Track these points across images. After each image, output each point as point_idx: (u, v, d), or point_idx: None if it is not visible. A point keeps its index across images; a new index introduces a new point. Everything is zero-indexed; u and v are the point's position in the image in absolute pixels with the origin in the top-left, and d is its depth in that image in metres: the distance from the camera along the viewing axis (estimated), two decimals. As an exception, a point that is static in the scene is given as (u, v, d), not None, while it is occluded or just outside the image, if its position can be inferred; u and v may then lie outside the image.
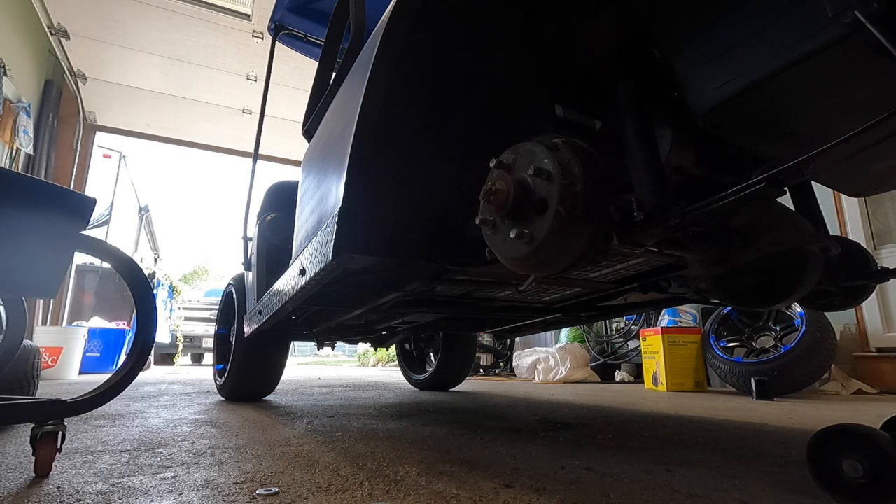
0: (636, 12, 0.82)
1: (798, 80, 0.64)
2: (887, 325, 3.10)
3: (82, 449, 1.20)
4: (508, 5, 0.93)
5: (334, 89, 1.33)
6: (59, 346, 4.08)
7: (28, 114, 4.33)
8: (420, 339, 3.39)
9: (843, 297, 1.17)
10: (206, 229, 64.93)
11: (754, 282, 1.01)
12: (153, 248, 10.55)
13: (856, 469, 0.72)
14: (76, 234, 1.05)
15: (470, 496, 0.82)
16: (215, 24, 4.55)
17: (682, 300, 1.59)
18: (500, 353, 5.39)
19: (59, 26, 4.51)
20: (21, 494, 0.82)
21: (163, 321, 7.27)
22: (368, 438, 1.36)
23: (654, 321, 3.98)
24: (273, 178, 2.41)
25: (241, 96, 5.67)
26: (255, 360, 2.33)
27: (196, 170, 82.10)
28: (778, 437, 1.38)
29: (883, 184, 0.91)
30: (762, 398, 2.53)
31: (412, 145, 0.96)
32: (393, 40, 0.88)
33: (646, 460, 1.09)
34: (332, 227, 0.90)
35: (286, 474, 0.96)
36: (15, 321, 1.35)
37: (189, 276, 19.87)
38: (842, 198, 3.38)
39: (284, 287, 1.30)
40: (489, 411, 2.04)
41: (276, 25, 2.57)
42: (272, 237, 2.07)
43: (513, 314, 1.85)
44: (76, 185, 5.43)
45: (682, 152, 0.86)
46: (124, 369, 1.10)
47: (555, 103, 1.01)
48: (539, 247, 0.65)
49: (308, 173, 1.31)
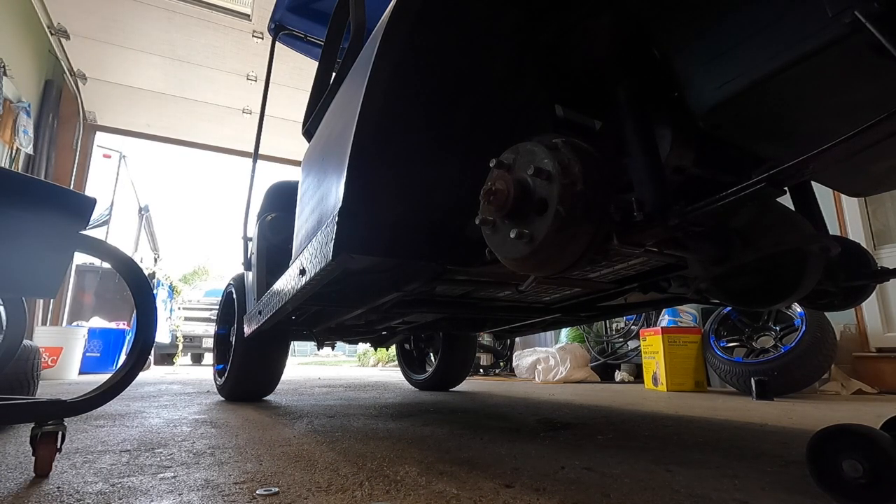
0: (636, 12, 0.82)
1: (798, 80, 0.64)
2: (887, 325, 3.10)
3: (82, 449, 1.20)
4: (508, 5, 0.93)
5: (334, 89, 1.33)
6: (59, 346, 4.08)
7: (28, 114, 4.33)
8: (420, 339, 3.39)
9: (843, 297, 1.17)
10: (206, 229, 64.95)
11: (754, 282, 1.01)
12: (153, 248, 10.55)
13: (856, 469, 0.72)
14: (76, 234, 1.05)
15: (470, 496, 0.82)
16: (215, 24, 4.55)
17: (682, 300, 1.59)
18: (500, 353, 5.39)
19: (59, 26, 4.51)
20: (21, 494, 0.82)
21: (163, 321, 7.27)
22: (368, 438, 1.36)
23: (654, 321, 3.98)
24: (273, 178, 2.41)
25: (241, 96, 5.67)
26: (255, 360, 2.33)
27: (196, 170, 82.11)
28: (778, 437, 1.38)
29: (883, 184, 0.92)
30: (762, 398, 2.53)
31: (412, 145, 0.96)
32: (393, 40, 0.88)
33: (646, 460, 1.09)
34: (332, 227, 0.90)
35: (286, 474, 0.96)
36: (15, 321, 1.35)
37: (189, 276, 19.89)
38: (842, 198, 3.38)
39: (284, 287, 1.30)
40: (489, 411, 2.04)
41: (276, 25, 2.57)
42: (272, 237, 2.07)
43: (513, 314, 1.85)
44: (76, 185, 5.43)
45: (682, 152, 0.86)
46: (124, 369, 1.10)
47: (555, 103, 1.01)
48: (539, 247, 0.65)
49: (308, 173, 1.31)
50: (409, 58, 0.90)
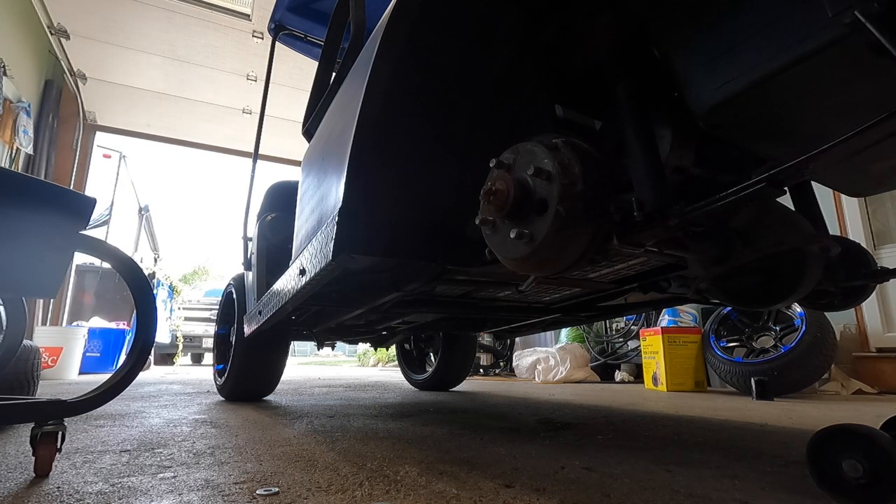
0: (636, 12, 0.82)
1: (798, 80, 0.64)
2: (887, 325, 3.10)
3: (82, 449, 1.20)
4: (508, 5, 0.93)
5: (334, 89, 1.33)
6: (59, 346, 4.08)
7: (28, 114, 4.33)
8: (420, 339, 3.39)
9: (843, 297, 1.17)
10: (206, 229, 64.93)
11: (754, 282, 1.01)
12: (153, 248, 10.55)
13: (856, 469, 0.72)
14: (76, 234, 1.05)
15: (470, 496, 0.82)
16: (215, 24, 4.55)
17: (682, 300, 1.59)
18: (500, 353, 5.39)
19: (59, 26, 4.51)
20: (21, 494, 0.82)
21: (163, 321, 7.27)
22: (368, 438, 1.36)
23: (654, 321, 3.98)
24: (273, 178, 2.41)
25: (241, 96, 5.67)
26: (255, 360, 2.33)
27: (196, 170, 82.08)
28: (778, 437, 1.38)
29: (883, 184, 0.91)
30: (762, 398, 2.53)
31: (412, 145, 0.96)
32: (393, 40, 0.88)
33: (646, 460, 1.09)
34: (332, 227, 0.90)
35: (286, 474, 0.96)
36: (15, 321, 1.35)
37: (189, 276, 19.89)
38: (842, 198, 3.38)
39: (284, 287, 1.30)
40: (489, 411, 2.04)
41: (277, 25, 2.57)
42: (272, 237, 2.07)
43: (513, 314, 1.85)
44: (76, 185, 5.43)
45: (682, 152, 0.86)
46: (124, 369, 1.10)
47: (555, 103, 1.01)
48: (539, 247, 0.65)
49: (308, 173, 1.31)
50: (408, 58, 0.90)
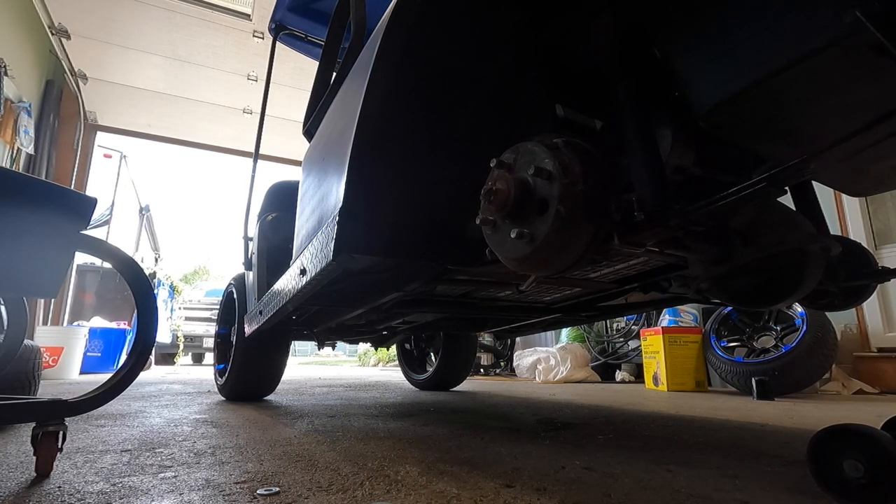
0: (636, 12, 0.82)
1: (798, 79, 0.64)
2: (888, 324, 3.09)
3: (83, 448, 1.20)
4: (509, 5, 0.93)
5: (335, 89, 1.33)
6: (59, 346, 4.08)
7: (29, 114, 4.33)
8: (420, 339, 3.39)
9: (844, 296, 1.17)
10: (207, 229, 65.00)
11: (755, 282, 1.01)
12: (154, 248, 10.55)
13: (856, 469, 0.72)
14: (77, 234, 1.05)
15: (470, 496, 0.82)
16: (216, 24, 4.55)
17: (682, 300, 1.59)
18: (501, 352, 5.39)
19: (59, 26, 4.52)
20: (22, 494, 0.83)
21: (163, 321, 7.27)
22: (369, 438, 1.36)
23: (654, 321, 3.98)
24: (273, 178, 2.42)
25: (242, 96, 5.67)
26: (256, 360, 2.33)
27: (196, 170, 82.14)
28: (779, 437, 1.38)
29: (883, 183, 0.91)
30: (763, 398, 2.53)
31: (413, 145, 0.96)
32: (393, 40, 0.88)
33: (646, 460, 1.09)
34: (333, 227, 0.90)
35: (287, 474, 0.96)
36: (16, 321, 1.35)
37: (190, 276, 19.87)
38: (842, 197, 3.38)
39: (285, 287, 1.30)
40: (490, 411, 2.04)
41: (277, 25, 2.57)
42: (273, 237, 2.07)
43: (513, 314, 1.85)
44: (77, 184, 5.43)
45: (682, 152, 0.85)
46: (125, 369, 1.10)
47: (555, 103, 1.01)
48: (540, 246, 0.65)
49: (308, 173, 1.31)
50: (409, 58, 0.90)
